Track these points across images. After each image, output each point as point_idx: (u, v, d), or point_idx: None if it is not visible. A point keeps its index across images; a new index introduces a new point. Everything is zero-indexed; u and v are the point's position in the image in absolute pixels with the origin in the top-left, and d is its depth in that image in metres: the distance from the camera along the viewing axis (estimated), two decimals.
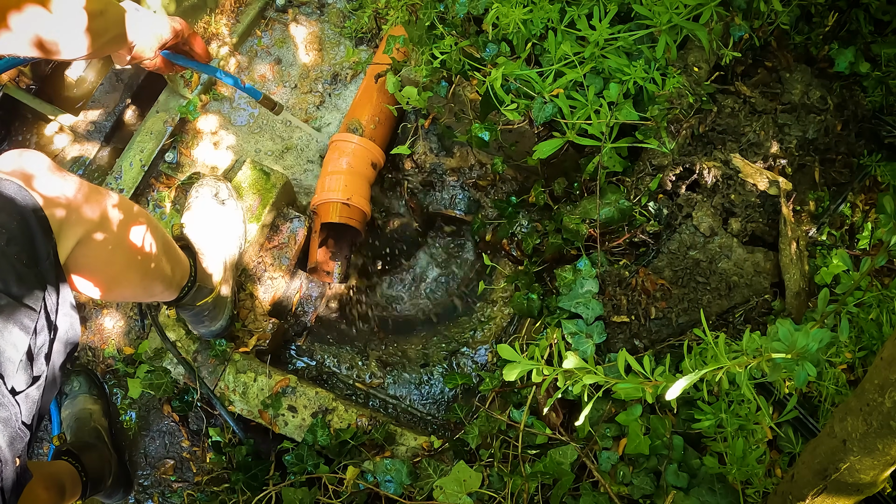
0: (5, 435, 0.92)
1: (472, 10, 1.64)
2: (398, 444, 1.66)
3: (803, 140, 1.68)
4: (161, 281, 1.37)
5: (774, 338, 0.88)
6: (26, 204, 0.97)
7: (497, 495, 1.44)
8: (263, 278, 1.87)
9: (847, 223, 1.66)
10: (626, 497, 1.38)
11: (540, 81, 1.53)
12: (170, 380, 1.73)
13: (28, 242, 0.96)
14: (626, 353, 0.97)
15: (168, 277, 1.39)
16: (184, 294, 1.49)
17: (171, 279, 1.41)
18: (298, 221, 1.93)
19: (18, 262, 0.94)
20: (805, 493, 1.01)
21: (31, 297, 0.95)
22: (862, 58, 1.71)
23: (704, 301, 1.52)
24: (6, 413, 0.92)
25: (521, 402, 1.55)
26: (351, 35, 2.23)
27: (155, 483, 1.80)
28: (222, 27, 2.17)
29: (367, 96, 2.01)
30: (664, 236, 1.60)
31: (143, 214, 1.28)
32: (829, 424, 0.95)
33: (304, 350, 1.95)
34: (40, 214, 0.98)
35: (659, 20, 1.45)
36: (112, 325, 1.89)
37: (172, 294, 1.46)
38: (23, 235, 0.95)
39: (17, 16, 1.05)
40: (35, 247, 0.97)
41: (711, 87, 1.69)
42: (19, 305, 0.93)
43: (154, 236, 1.29)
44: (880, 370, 0.82)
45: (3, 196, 0.95)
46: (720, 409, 1.31)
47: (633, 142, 1.58)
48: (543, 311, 1.65)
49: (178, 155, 2.07)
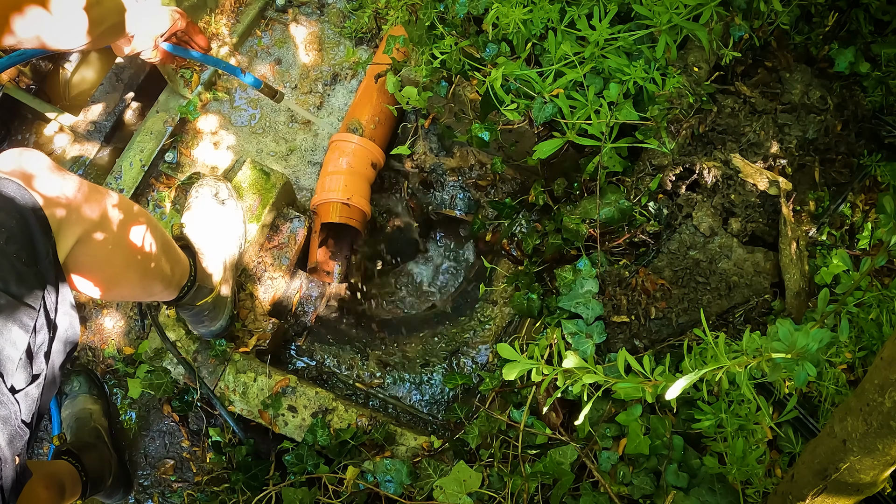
0: (5, 433, 0.92)
1: (472, 10, 1.64)
2: (398, 444, 1.66)
3: (803, 140, 1.68)
4: (161, 280, 1.37)
5: (774, 338, 0.88)
6: (26, 203, 0.97)
7: (497, 495, 1.44)
8: (263, 278, 1.87)
9: (847, 223, 1.66)
10: (626, 497, 1.38)
11: (540, 81, 1.53)
12: (170, 380, 1.73)
13: (27, 241, 0.96)
14: (626, 352, 0.97)
15: (168, 277, 1.39)
16: (183, 294, 1.49)
17: (170, 279, 1.41)
18: (298, 221, 1.93)
19: (18, 260, 0.94)
20: (805, 493, 1.01)
21: (31, 296, 0.95)
22: (862, 58, 1.71)
23: (704, 301, 1.52)
24: (6, 411, 0.92)
25: (521, 401, 1.55)
26: (351, 35, 2.23)
27: (155, 483, 1.80)
28: (222, 27, 2.17)
29: (367, 96, 2.01)
30: (664, 236, 1.60)
31: (143, 214, 1.28)
32: (829, 424, 0.95)
33: (304, 350, 1.95)
34: (40, 214, 0.99)
35: (659, 20, 1.45)
36: (112, 325, 1.89)
37: (172, 294, 1.46)
38: (22, 234, 0.95)
39: (15, 8, 1.05)
40: (34, 246, 0.98)
41: (711, 87, 1.69)
42: (19, 304, 0.93)
43: (154, 236, 1.29)
44: (880, 370, 0.82)
45: (3, 195, 0.95)
46: (720, 409, 1.31)
47: (633, 142, 1.58)
48: (543, 311, 1.65)
49: (178, 155, 2.07)
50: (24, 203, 0.97)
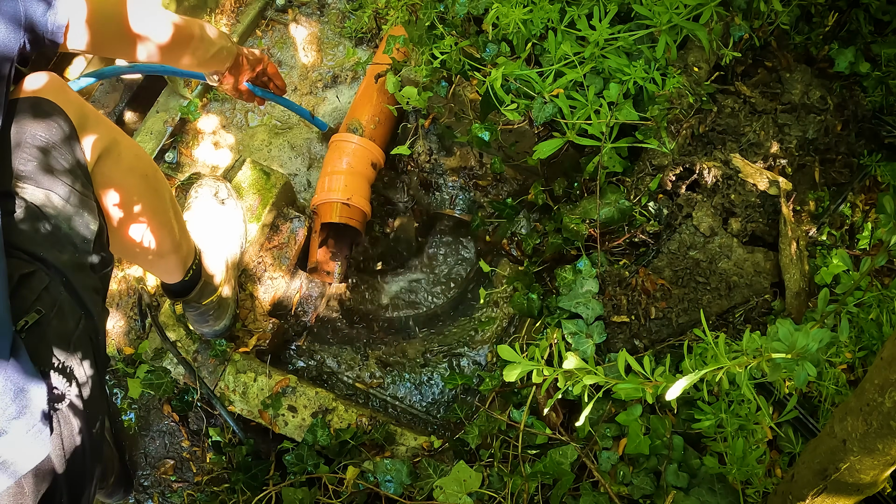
0: (99, 307, 1.03)
1: (472, 10, 1.64)
2: (398, 444, 1.66)
3: (803, 140, 1.68)
4: (169, 237, 1.35)
5: (774, 338, 0.88)
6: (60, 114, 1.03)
7: (497, 495, 1.44)
8: (263, 278, 1.87)
9: (847, 223, 1.66)
10: (626, 497, 1.38)
11: (540, 81, 1.53)
12: (170, 380, 1.73)
13: (70, 151, 1.04)
14: (626, 353, 0.97)
15: (176, 239, 1.38)
16: (189, 279, 1.48)
17: (178, 243, 1.39)
18: (298, 221, 1.93)
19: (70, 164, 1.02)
20: (805, 493, 1.02)
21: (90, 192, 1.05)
22: (862, 58, 1.71)
23: (704, 301, 1.52)
24: (96, 284, 1.03)
25: (522, 402, 1.55)
26: (351, 35, 2.23)
27: (155, 483, 1.80)
28: (222, 27, 2.17)
29: (367, 96, 2.01)
30: (664, 236, 1.60)
31: (153, 163, 1.33)
32: (829, 424, 0.95)
33: (304, 350, 1.95)
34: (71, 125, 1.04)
35: (659, 20, 1.45)
36: (112, 325, 1.89)
37: (178, 271, 1.45)
38: (65, 144, 1.03)
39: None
40: (75, 153, 1.04)
41: (711, 87, 1.69)
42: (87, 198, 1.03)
43: (163, 184, 1.32)
44: (880, 370, 0.82)
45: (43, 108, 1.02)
46: (720, 409, 1.31)
47: (633, 142, 1.58)
48: (543, 311, 1.65)
49: (178, 155, 2.07)
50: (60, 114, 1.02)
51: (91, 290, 1.00)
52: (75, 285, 0.96)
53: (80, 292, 0.97)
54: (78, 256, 0.99)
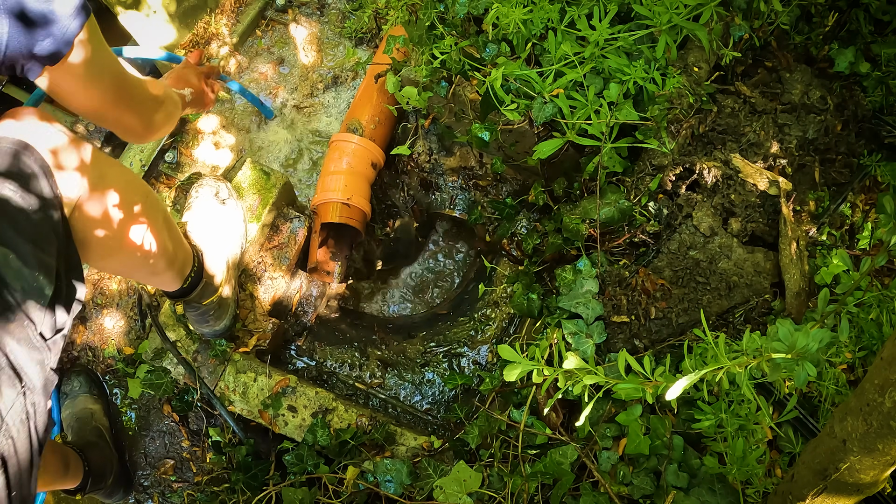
0: (41, 377, 0.95)
1: (472, 10, 1.64)
2: (398, 444, 1.66)
3: (803, 140, 1.68)
4: (164, 258, 1.34)
5: (774, 338, 0.88)
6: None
7: (497, 495, 1.44)
8: (263, 278, 1.87)
9: (847, 223, 1.66)
10: (626, 497, 1.38)
11: (540, 81, 1.53)
12: (170, 380, 1.73)
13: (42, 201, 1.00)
14: (626, 353, 0.97)
15: (171, 257, 1.37)
16: (188, 285, 1.48)
17: (172, 260, 1.39)
18: (298, 221, 1.93)
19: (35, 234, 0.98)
20: (805, 493, 1.02)
21: (51, 250, 1.00)
22: (862, 58, 1.71)
23: (704, 301, 1.52)
24: (40, 356, 0.95)
25: (522, 402, 1.55)
26: (351, 35, 2.23)
27: (155, 483, 1.80)
28: (222, 27, 2.17)
29: (367, 96, 2.01)
30: (664, 236, 1.60)
31: (143, 184, 1.30)
32: (829, 424, 0.95)
33: (304, 350, 1.95)
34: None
35: (659, 20, 1.45)
36: (112, 325, 1.89)
37: (176, 280, 1.45)
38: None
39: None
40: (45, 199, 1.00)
41: (711, 87, 1.69)
42: (42, 258, 0.98)
43: (155, 205, 1.31)
44: (880, 370, 0.82)
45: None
46: (720, 409, 1.31)
47: (633, 142, 1.58)
48: (543, 311, 1.65)
49: (178, 155, 2.07)
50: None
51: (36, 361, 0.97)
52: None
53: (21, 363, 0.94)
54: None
